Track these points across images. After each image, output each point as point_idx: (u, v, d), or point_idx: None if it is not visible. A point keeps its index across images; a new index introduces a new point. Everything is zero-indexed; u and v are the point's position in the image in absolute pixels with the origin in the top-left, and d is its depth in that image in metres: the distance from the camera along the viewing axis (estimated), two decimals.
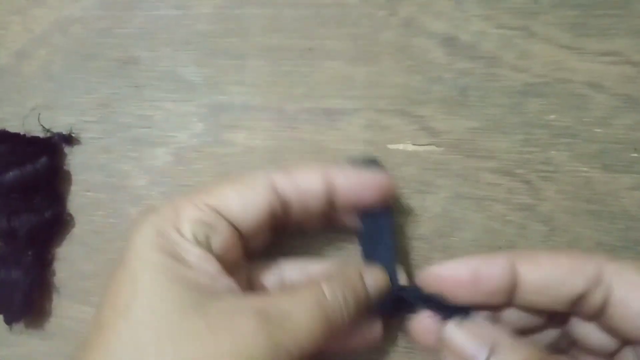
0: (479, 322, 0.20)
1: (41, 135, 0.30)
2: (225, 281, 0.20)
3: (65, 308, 0.30)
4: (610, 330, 0.19)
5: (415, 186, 0.26)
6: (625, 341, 0.19)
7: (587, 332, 0.20)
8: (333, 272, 0.22)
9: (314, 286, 0.21)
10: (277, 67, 0.28)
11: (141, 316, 0.18)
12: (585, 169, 0.25)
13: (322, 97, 0.28)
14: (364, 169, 0.23)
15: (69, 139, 0.30)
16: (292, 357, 0.18)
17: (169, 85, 0.29)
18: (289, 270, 0.25)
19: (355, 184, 0.23)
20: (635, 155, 0.24)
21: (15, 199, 0.28)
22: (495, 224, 0.26)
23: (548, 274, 0.19)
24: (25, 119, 0.30)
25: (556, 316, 0.21)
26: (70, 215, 0.30)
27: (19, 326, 0.30)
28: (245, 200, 0.21)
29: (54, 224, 0.29)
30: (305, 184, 0.22)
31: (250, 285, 0.24)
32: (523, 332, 0.21)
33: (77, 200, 0.30)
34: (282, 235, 0.25)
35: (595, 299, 0.19)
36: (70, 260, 0.30)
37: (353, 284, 0.21)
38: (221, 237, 0.21)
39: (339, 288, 0.21)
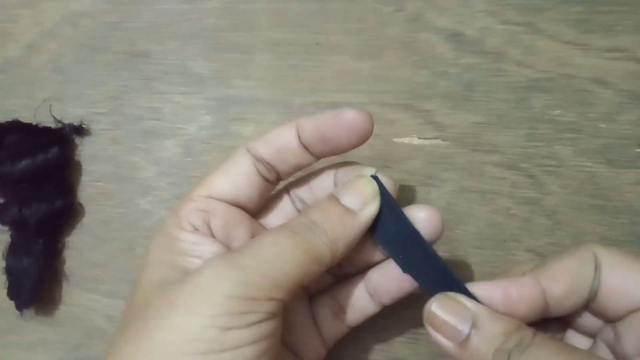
0: (459, 299, 0.20)
1: (52, 126, 0.30)
2: None
3: (74, 296, 0.31)
4: (597, 311, 0.21)
5: (420, 179, 0.27)
6: (608, 320, 0.20)
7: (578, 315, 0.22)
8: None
9: (284, 222, 0.21)
10: (284, 61, 0.28)
11: (137, 299, 0.21)
12: (589, 163, 0.25)
13: (328, 91, 0.28)
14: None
15: (80, 130, 0.30)
16: (268, 277, 0.19)
17: (177, 78, 0.30)
18: None
19: (326, 126, 0.22)
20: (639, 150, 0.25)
21: (26, 188, 0.28)
22: (499, 217, 0.26)
23: (568, 282, 0.20)
24: (36, 111, 0.31)
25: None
26: (80, 204, 0.31)
27: (29, 313, 0.31)
28: (230, 176, 0.23)
29: (64, 213, 0.30)
30: (278, 141, 0.23)
31: None
32: None
33: (87, 190, 0.31)
34: None
35: (595, 284, 0.20)
36: (79, 249, 0.31)
37: (323, 208, 0.21)
38: (221, 219, 0.22)
39: (305, 217, 0.21)
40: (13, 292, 0.29)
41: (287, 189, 0.25)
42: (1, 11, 0.32)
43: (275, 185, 0.24)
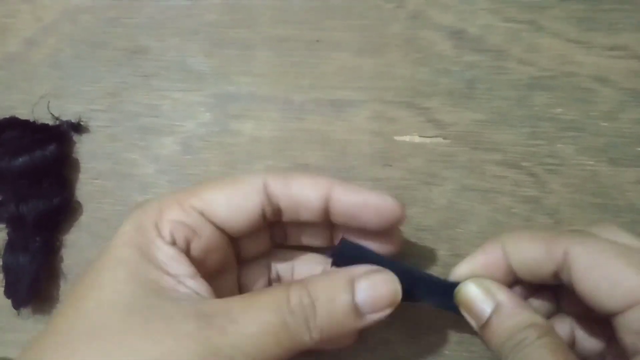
0: (493, 283, 0.21)
1: (50, 123, 0.30)
2: (193, 284, 0.19)
3: None
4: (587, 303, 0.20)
5: (422, 178, 0.27)
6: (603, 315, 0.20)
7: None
8: (320, 276, 0.20)
9: (280, 290, 0.19)
10: (285, 57, 0.28)
11: (90, 310, 0.18)
12: (591, 162, 0.25)
13: (329, 88, 0.28)
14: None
15: (78, 127, 0.30)
16: None
17: (177, 74, 0.29)
18: (284, 271, 0.24)
19: (356, 204, 0.21)
20: None
21: (24, 185, 0.28)
22: (500, 216, 0.26)
23: (526, 258, 0.21)
24: (34, 107, 0.31)
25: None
26: (78, 202, 0.30)
27: (26, 311, 0.30)
28: (233, 203, 0.21)
29: (61, 210, 0.30)
30: (301, 193, 0.21)
31: (241, 289, 0.24)
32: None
33: (85, 187, 0.30)
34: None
35: (566, 275, 0.20)
36: (77, 247, 0.31)
37: (333, 294, 0.19)
38: (203, 241, 0.20)
39: (309, 300, 0.18)
40: (10, 291, 0.29)
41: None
42: (1, 6, 0.32)
43: (270, 225, 0.23)
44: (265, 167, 0.28)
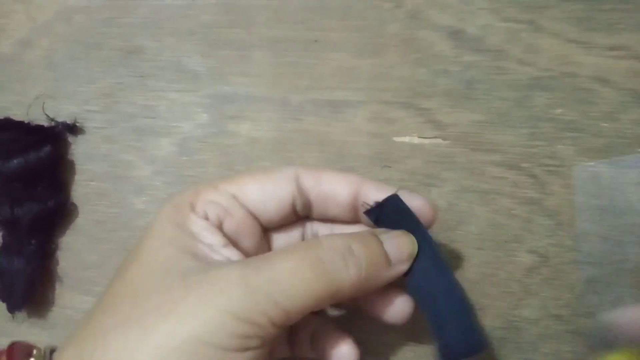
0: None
1: (45, 124, 0.30)
2: (226, 252, 0.21)
3: (67, 298, 0.30)
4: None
5: (421, 179, 0.26)
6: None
7: None
8: (347, 232, 0.21)
9: (312, 240, 0.20)
10: (282, 58, 0.28)
11: (131, 277, 0.20)
12: (591, 163, 0.25)
13: (327, 89, 0.27)
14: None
15: (73, 128, 0.30)
16: (278, 305, 0.18)
17: (173, 75, 0.29)
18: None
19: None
20: None
21: (18, 187, 0.28)
22: (500, 217, 0.26)
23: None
24: (29, 108, 0.30)
25: None
26: (73, 204, 0.30)
27: (21, 315, 0.30)
28: (265, 190, 0.22)
29: (57, 213, 0.29)
30: (331, 188, 0.22)
31: None
32: None
33: (81, 189, 0.30)
34: None
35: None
36: (73, 249, 0.30)
37: (364, 240, 0.20)
38: (235, 221, 0.22)
39: (343, 242, 0.19)
40: (5, 294, 0.29)
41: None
42: None
43: (300, 218, 0.24)
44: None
